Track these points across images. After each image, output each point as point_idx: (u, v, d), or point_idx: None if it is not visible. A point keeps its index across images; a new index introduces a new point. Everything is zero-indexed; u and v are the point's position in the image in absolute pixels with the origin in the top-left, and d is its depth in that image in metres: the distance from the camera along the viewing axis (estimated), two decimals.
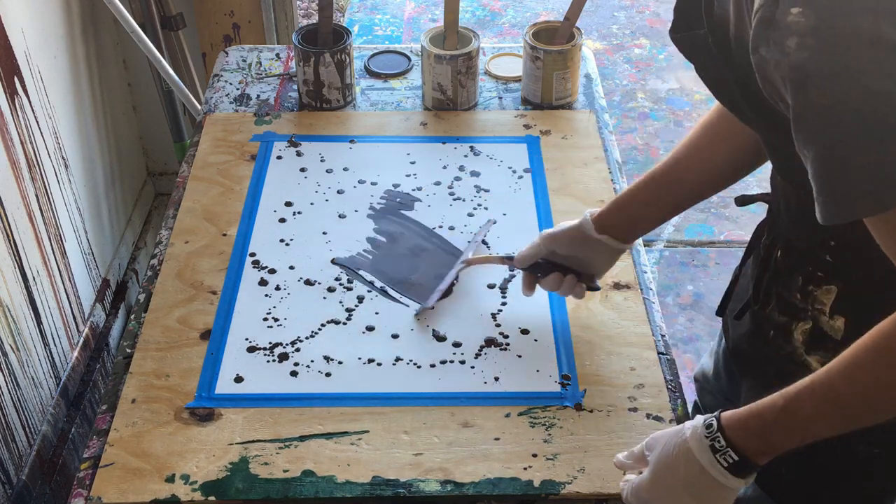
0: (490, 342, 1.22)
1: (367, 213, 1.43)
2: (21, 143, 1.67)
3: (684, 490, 0.89)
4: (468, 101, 1.65)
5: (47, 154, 1.79)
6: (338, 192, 1.46)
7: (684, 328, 2.35)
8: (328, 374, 1.18)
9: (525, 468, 1.07)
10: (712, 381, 1.31)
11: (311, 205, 1.44)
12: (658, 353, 1.21)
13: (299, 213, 1.43)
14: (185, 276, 1.31)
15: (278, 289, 1.30)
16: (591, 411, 1.14)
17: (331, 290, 1.30)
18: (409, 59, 1.77)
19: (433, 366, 1.19)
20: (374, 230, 1.40)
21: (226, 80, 1.73)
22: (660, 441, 0.93)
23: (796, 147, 0.79)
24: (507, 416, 1.13)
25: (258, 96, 1.68)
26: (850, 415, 0.84)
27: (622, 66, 3.41)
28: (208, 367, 1.19)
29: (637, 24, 3.67)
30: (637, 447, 0.96)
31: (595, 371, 1.18)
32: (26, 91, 1.71)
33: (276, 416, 1.13)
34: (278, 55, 1.80)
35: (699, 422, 0.89)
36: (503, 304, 1.28)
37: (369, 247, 1.37)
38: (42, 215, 1.75)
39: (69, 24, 1.96)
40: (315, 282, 1.31)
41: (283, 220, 1.41)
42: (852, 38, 0.73)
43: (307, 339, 1.22)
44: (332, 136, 1.58)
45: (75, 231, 1.93)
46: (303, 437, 1.10)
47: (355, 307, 1.27)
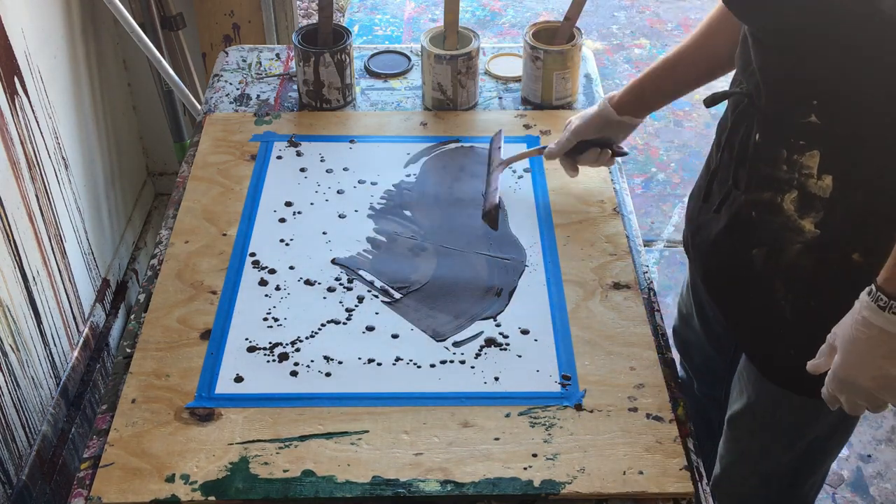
0: (490, 342, 1.22)
1: (367, 213, 1.43)
2: (21, 143, 1.67)
3: (874, 354, 0.94)
4: (468, 101, 1.65)
5: (47, 154, 1.79)
6: (338, 192, 1.46)
7: None
8: (328, 374, 1.18)
9: (525, 468, 1.07)
10: (690, 326, 1.36)
11: (311, 205, 1.44)
12: (658, 353, 1.21)
13: (299, 213, 1.43)
14: (185, 276, 1.31)
15: (278, 289, 1.30)
16: (591, 411, 1.14)
17: (331, 290, 1.30)
18: (409, 59, 1.77)
19: (433, 366, 1.19)
20: (374, 230, 1.40)
21: (226, 80, 1.73)
22: (840, 326, 0.98)
23: None
24: (507, 416, 1.13)
25: (258, 96, 1.68)
26: None
27: (622, 66, 3.41)
28: (208, 367, 1.19)
29: (637, 24, 3.67)
30: (823, 346, 1.01)
31: (595, 371, 1.18)
32: (26, 91, 1.71)
33: (276, 416, 1.13)
34: (278, 55, 1.80)
35: (863, 293, 0.95)
36: (503, 304, 1.28)
37: (369, 247, 1.37)
38: (42, 215, 1.75)
39: (69, 24, 1.96)
40: (315, 282, 1.31)
41: (283, 220, 1.41)
42: None
43: (307, 339, 1.22)
44: (332, 136, 1.58)
45: (75, 231, 1.93)
46: (303, 437, 1.10)
47: (355, 307, 1.27)
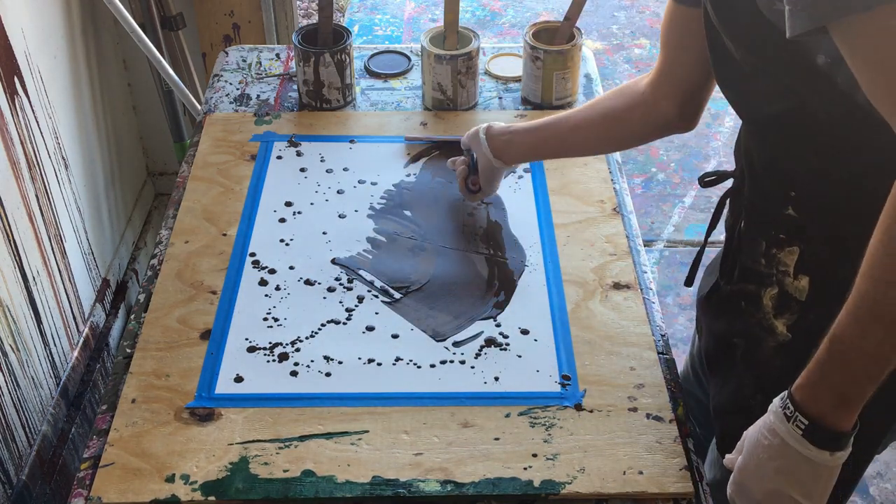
0: (490, 342, 1.22)
1: (367, 213, 1.43)
2: (21, 143, 1.67)
3: (771, 466, 0.88)
4: (468, 101, 1.65)
5: (47, 154, 1.79)
6: (338, 192, 1.46)
7: (684, 328, 2.35)
8: (328, 374, 1.18)
9: (525, 468, 1.07)
10: (691, 380, 1.35)
11: (311, 205, 1.44)
12: (658, 353, 1.21)
13: (299, 213, 1.43)
14: (185, 276, 1.31)
15: (278, 289, 1.30)
16: (591, 411, 1.14)
17: (331, 290, 1.30)
18: (409, 59, 1.77)
19: (433, 366, 1.19)
20: (374, 230, 1.40)
21: (226, 80, 1.73)
22: (752, 426, 0.93)
23: None
24: (507, 416, 1.13)
25: (258, 96, 1.68)
26: (889, 320, 0.81)
27: (622, 66, 3.41)
28: (208, 367, 1.19)
29: (637, 24, 3.67)
30: (739, 441, 0.94)
31: (595, 371, 1.18)
32: (26, 91, 1.71)
33: (276, 416, 1.13)
34: (278, 55, 1.80)
35: (776, 398, 0.89)
36: (503, 304, 1.28)
37: (369, 247, 1.37)
38: (42, 215, 1.75)
39: (69, 24, 1.96)
40: (315, 282, 1.31)
41: (283, 220, 1.41)
42: None
43: (307, 339, 1.22)
44: (332, 136, 1.58)
45: (75, 231, 1.93)
46: (303, 437, 1.10)
47: (355, 307, 1.27)
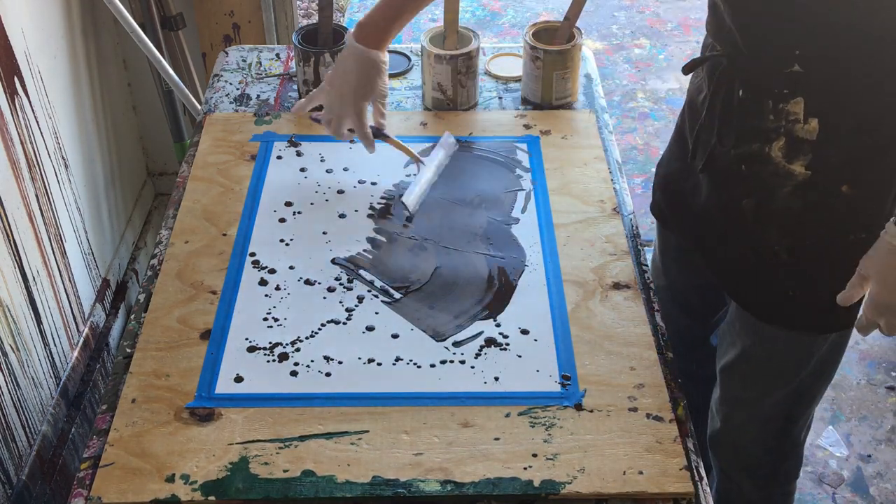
0: (490, 342, 1.22)
1: (367, 213, 1.43)
2: (21, 143, 1.67)
3: None
4: (468, 101, 1.65)
5: (47, 154, 1.79)
6: (338, 192, 1.46)
7: None
8: (328, 374, 1.18)
9: (525, 468, 1.07)
10: (665, 293, 1.42)
11: (311, 205, 1.44)
12: (658, 353, 1.21)
13: (299, 213, 1.43)
14: (185, 276, 1.31)
15: (278, 289, 1.30)
16: (591, 411, 1.14)
17: (331, 290, 1.30)
18: (409, 59, 1.77)
19: (433, 366, 1.19)
20: (374, 230, 1.40)
21: (226, 80, 1.73)
22: (869, 257, 1.05)
23: None
24: (507, 416, 1.13)
25: (258, 96, 1.68)
26: None
27: (622, 66, 3.41)
28: (208, 367, 1.19)
29: (637, 24, 3.67)
30: (853, 278, 1.07)
31: (595, 371, 1.18)
32: (26, 91, 1.71)
33: (276, 416, 1.13)
34: (278, 55, 1.80)
35: (889, 223, 1.02)
36: (503, 304, 1.28)
37: (369, 247, 1.37)
38: (42, 215, 1.75)
39: (69, 24, 1.96)
40: (315, 282, 1.31)
41: (283, 220, 1.41)
42: None
43: (307, 339, 1.22)
44: (332, 136, 1.58)
45: (75, 231, 1.93)
46: (303, 437, 1.10)
47: (355, 307, 1.27)
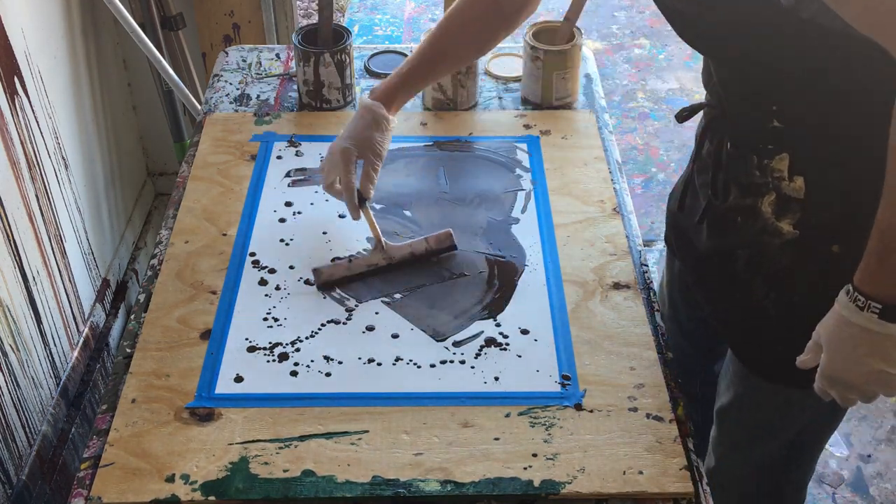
0: (490, 342, 1.22)
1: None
2: (21, 143, 1.67)
3: (857, 353, 0.98)
4: (468, 101, 1.64)
5: (47, 154, 1.79)
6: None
7: None
8: (328, 374, 1.18)
9: (525, 468, 1.07)
10: (664, 323, 1.39)
11: (311, 205, 1.44)
12: (658, 353, 1.21)
13: (299, 213, 1.43)
14: (185, 276, 1.31)
15: (278, 289, 1.30)
16: (591, 411, 1.14)
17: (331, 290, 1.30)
18: None
19: (433, 366, 1.19)
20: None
21: (226, 80, 1.73)
22: (823, 325, 1.01)
23: None
24: (507, 416, 1.13)
25: (258, 96, 1.68)
26: None
27: (622, 66, 3.41)
28: (208, 367, 1.19)
29: (637, 24, 3.67)
30: (810, 342, 1.04)
31: (595, 371, 1.18)
32: (26, 91, 1.71)
33: (276, 416, 1.13)
34: (278, 55, 1.80)
35: (842, 293, 0.99)
36: (503, 303, 1.28)
37: (369, 247, 1.37)
38: (42, 215, 1.75)
39: (69, 24, 1.96)
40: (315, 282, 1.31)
41: (283, 220, 1.41)
42: None
43: (307, 339, 1.22)
44: (332, 136, 1.57)
45: (75, 231, 1.93)
46: (303, 437, 1.10)
47: (355, 307, 1.27)
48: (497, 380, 1.17)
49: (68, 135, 1.92)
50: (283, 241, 1.37)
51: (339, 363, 1.19)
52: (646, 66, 3.39)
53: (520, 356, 1.20)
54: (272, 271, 1.32)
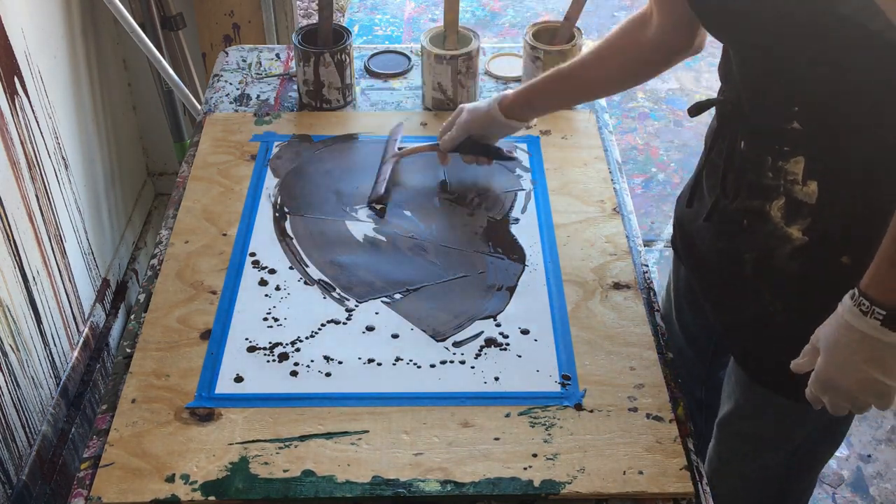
0: (490, 342, 1.22)
1: (367, 214, 1.43)
2: (21, 143, 1.67)
3: (856, 358, 0.97)
4: (468, 100, 1.64)
5: (47, 154, 1.79)
6: (338, 193, 1.46)
7: None
8: (328, 374, 1.18)
9: (525, 468, 1.07)
10: (669, 328, 1.38)
11: (312, 205, 1.44)
12: (658, 353, 1.21)
13: (299, 213, 1.42)
14: (185, 276, 1.31)
15: (278, 289, 1.30)
16: (591, 411, 1.14)
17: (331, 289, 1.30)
18: (409, 59, 1.77)
19: (433, 366, 1.19)
20: (374, 230, 1.40)
21: (226, 80, 1.73)
22: (823, 329, 1.00)
23: None
24: (507, 416, 1.13)
25: (258, 96, 1.68)
26: None
27: None
28: (208, 367, 1.19)
29: None
30: (806, 346, 1.03)
31: (595, 371, 1.18)
32: (26, 91, 1.71)
33: (276, 416, 1.13)
34: (278, 55, 1.80)
35: (846, 297, 0.97)
36: (503, 303, 1.28)
37: (369, 247, 1.37)
38: (42, 215, 1.75)
39: (69, 24, 1.96)
40: (315, 282, 1.31)
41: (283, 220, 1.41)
42: None
43: (307, 339, 1.22)
44: (331, 137, 1.58)
45: (75, 231, 1.93)
46: (303, 437, 1.10)
47: (355, 307, 1.27)
48: (497, 380, 1.17)
49: (68, 135, 1.92)
50: (283, 240, 1.37)
51: (339, 363, 1.19)
52: None
53: (520, 356, 1.20)
54: (272, 271, 1.32)
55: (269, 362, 1.19)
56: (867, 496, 1.96)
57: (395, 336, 1.23)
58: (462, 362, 1.19)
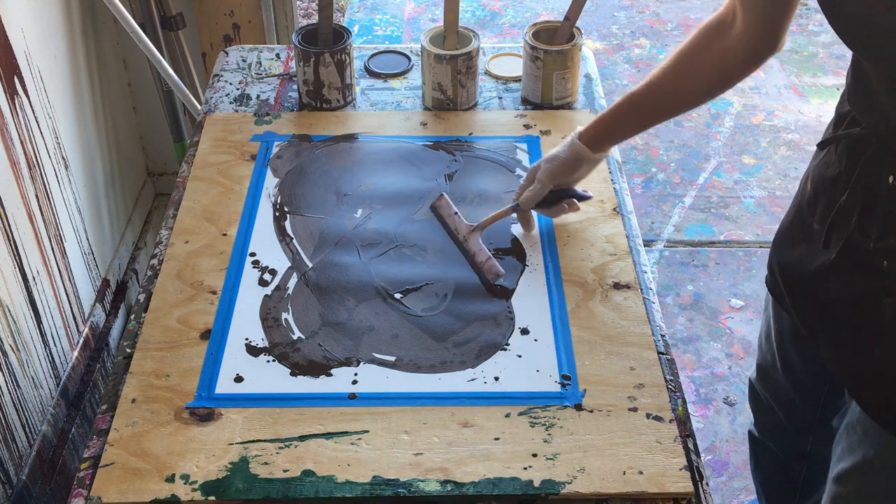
0: (490, 342, 1.22)
1: (368, 214, 1.43)
2: (21, 143, 1.67)
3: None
4: (468, 101, 1.65)
5: (47, 154, 1.79)
6: (337, 193, 1.46)
7: (684, 328, 2.35)
8: (329, 375, 1.18)
9: (525, 468, 1.07)
10: (772, 377, 1.32)
11: (312, 205, 1.44)
12: (658, 353, 1.21)
13: (300, 213, 1.43)
14: (185, 276, 1.31)
15: (278, 289, 1.30)
16: (591, 411, 1.14)
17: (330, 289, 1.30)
18: (409, 59, 1.77)
19: (433, 366, 1.19)
20: (374, 230, 1.40)
21: (226, 80, 1.73)
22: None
23: None
24: (507, 416, 1.13)
25: (258, 96, 1.68)
26: None
27: (622, 66, 3.41)
28: (208, 367, 1.19)
29: (637, 24, 3.67)
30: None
31: (595, 371, 1.18)
32: (26, 91, 1.71)
33: (276, 416, 1.13)
34: (278, 55, 1.80)
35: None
36: (504, 304, 1.28)
37: (369, 247, 1.37)
38: (42, 215, 1.75)
39: (69, 24, 1.96)
40: (315, 282, 1.31)
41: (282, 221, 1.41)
42: None
43: (307, 339, 1.22)
44: (332, 137, 1.58)
45: (75, 231, 1.93)
46: (303, 437, 1.10)
47: (355, 307, 1.27)
48: (497, 380, 1.17)
49: (68, 135, 1.92)
50: (283, 241, 1.37)
51: (340, 363, 1.19)
52: (646, 66, 3.39)
53: (520, 356, 1.20)
54: (272, 271, 1.32)
55: (269, 362, 1.19)
56: None
57: (395, 336, 1.23)
58: (462, 362, 1.19)
